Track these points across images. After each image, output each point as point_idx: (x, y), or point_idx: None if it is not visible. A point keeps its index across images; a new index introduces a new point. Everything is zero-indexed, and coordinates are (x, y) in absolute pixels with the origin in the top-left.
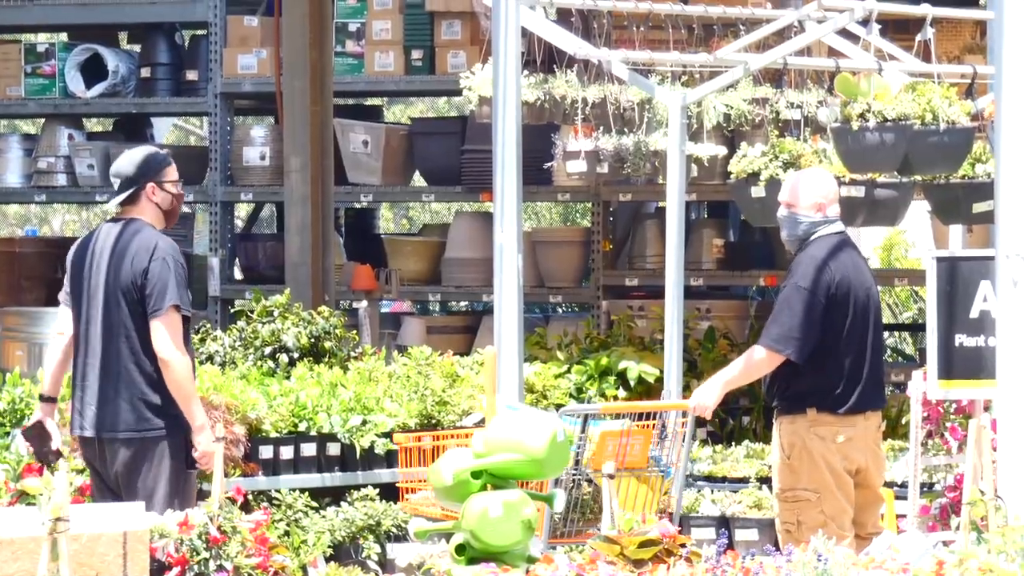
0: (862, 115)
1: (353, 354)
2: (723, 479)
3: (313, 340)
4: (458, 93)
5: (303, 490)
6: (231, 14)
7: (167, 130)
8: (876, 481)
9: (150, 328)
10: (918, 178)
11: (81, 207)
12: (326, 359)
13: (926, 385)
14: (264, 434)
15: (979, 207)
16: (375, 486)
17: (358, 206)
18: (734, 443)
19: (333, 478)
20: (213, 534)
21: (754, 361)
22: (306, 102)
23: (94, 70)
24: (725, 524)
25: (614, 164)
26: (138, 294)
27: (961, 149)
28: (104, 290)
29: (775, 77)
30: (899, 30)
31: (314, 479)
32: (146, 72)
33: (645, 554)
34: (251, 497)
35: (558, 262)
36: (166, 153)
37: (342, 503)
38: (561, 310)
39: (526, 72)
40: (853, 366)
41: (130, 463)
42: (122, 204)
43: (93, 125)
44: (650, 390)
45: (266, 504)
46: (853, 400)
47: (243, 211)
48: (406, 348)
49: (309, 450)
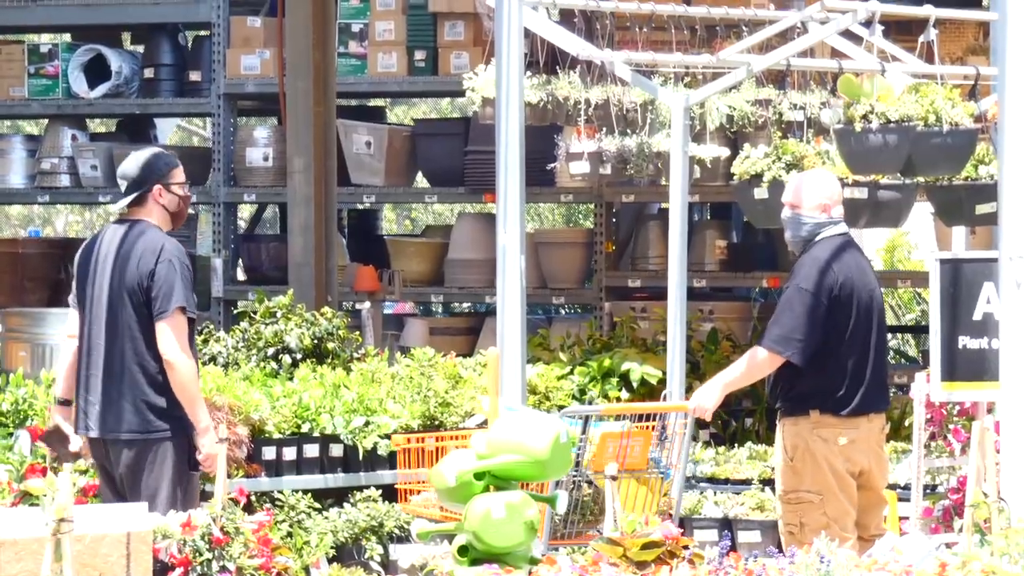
0: (865, 116)
1: (356, 355)
2: (726, 481)
3: (316, 341)
4: (461, 94)
5: (306, 491)
6: (234, 15)
7: (171, 131)
8: (879, 483)
9: (156, 330)
10: (921, 180)
11: (84, 208)
12: (329, 360)
13: (929, 387)
14: (267, 435)
15: (982, 209)
16: (378, 487)
17: (361, 207)
18: (737, 445)
19: (336, 479)
20: (216, 535)
21: (754, 362)
22: (309, 103)
23: (97, 71)
24: (728, 526)
25: (617, 165)
26: (144, 296)
27: (964, 150)
28: (109, 291)
29: (778, 78)
30: (902, 31)
31: (317, 480)
32: (149, 73)
33: (648, 556)
34: (254, 498)
35: (561, 263)
36: (173, 155)
37: (345, 504)
38: (564, 311)
39: (529, 73)
40: (856, 368)
41: (133, 464)
42: (129, 206)
43: (96, 126)
44: (653, 392)
45: (269, 505)
46: (856, 402)
47: (246, 212)
48: (409, 349)
49: (312, 451)
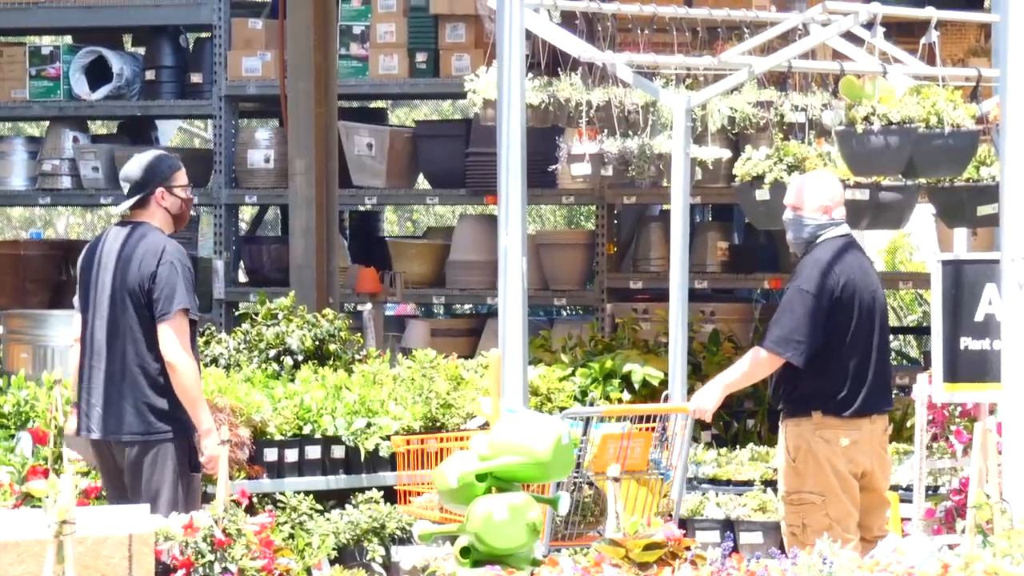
0: (867, 118)
1: (357, 357)
2: (728, 482)
3: (318, 343)
4: (462, 96)
5: (308, 493)
6: (235, 17)
7: (172, 133)
8: (882, 484)
9: (158, 332)
10: (923, 181)
11: (86, 210)
12: (330, 362)
13: (931, 388)
14: (269, 437)
15: (984, 210)
16: (380, 489)
17: (362, 209)
18: (739, 446)
19: (338, 481)
20: (218, 537)
21: (755, 363)
22: (310, 105)
23: (98, 73)
24: (730, 527)
25: (618, 167)
26: (145, 298)
27: (966, 152)
28: (111, 293)
29: (779, 80)
30: (903, 33)
31: (319, 482)
32: (150, 75)
33: (650, 557)
34: (256, 500)
35: (562, 265)
36: (176, 157)
37: (347, 506)
38: (565, 313)
39: (530, 75)
40: (858, 369)
41: (134, 466)
42: (131, 208)
43: (98, 128)
44: (654, 393)
45: (271, 507)
46: (858, 403)
47: (247, 214)
48: (410, 351)
49: (314, 453)
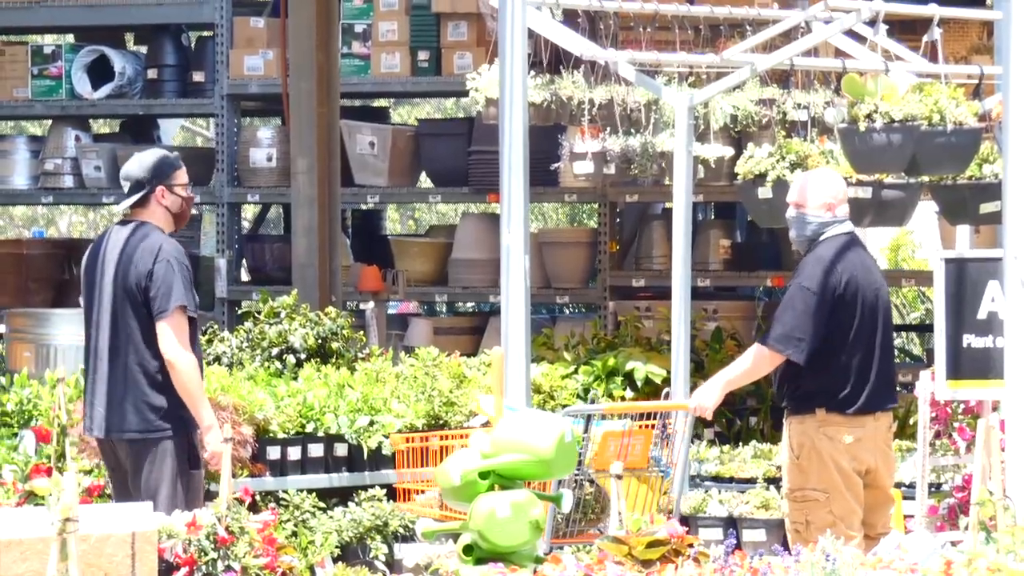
0: (869, 116)
1: (360, 355)
2: (730, 479)
3: (320, 341)
4: (465, 94)
5: (310, 491)
6: (237, 15)
7: (174, 131)
8: (886, 482)
9: (156, 330)
10: (925, 179)
11: (88, 208)
12: (333, 360)
13: (934, 385)
14: (271, 435)
15: (986, 208)
16: (382, 486)
17: (365, 207)
18: (741, 444)
19: (340, 479)
20: (221, 534)
21: (755, 361)
22: (312, 103)
23: (101, 71)
24: (732, 524)
25: (621, 165)
26: (142, 296)
27: (968, 150)
28: (110, 293)
29: (782, 78)
30: (906, 31)
31: (321, 480)
32: (153, 73)
33: (653, 554)
34: (259, 498)
35: (565, 263)
36: (176, 156)
37: (349, 503)
38: (568, 311)
39: (533, 73)
40: (861, 366)
41: (134, 463)
42: (132, 207)
43: (100, 126)
44: (657, 391)
45: (274, 505)
46: (862, 400)
47: (250, 212)
48: (413, 349)
49: (316, 451)
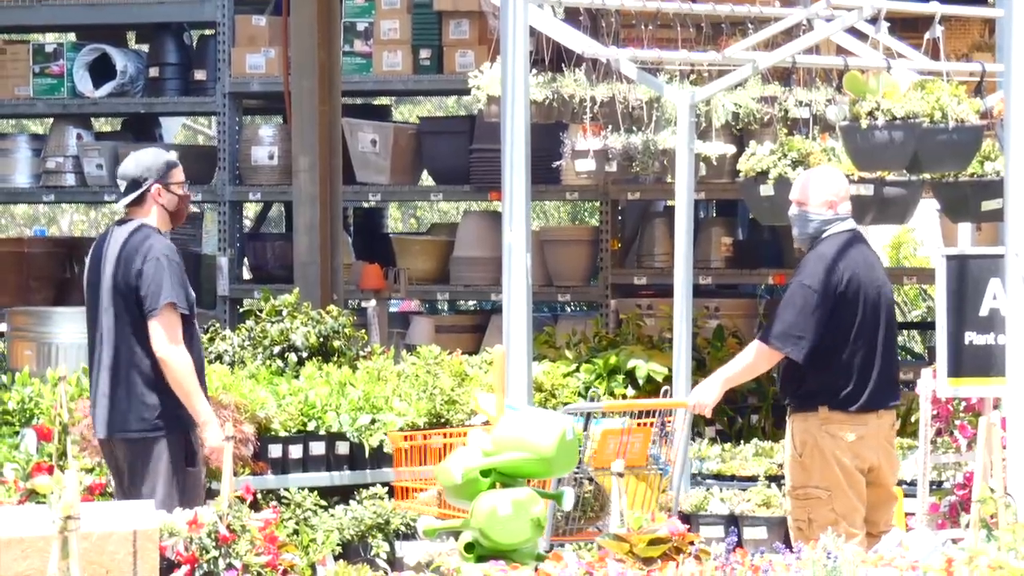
0: (871, 113)
1: (362, 353)
2: (732, 477)
3: (322, 339)
4: (466, 92)
5: (312, 489)
6: (239, 14)
7: (176, 130)
8: (889, 479)
9: (148, 328)
10: (927, 176)
11: (90, 207)
12: (335, 358)
13: (935, 383)
14: (273, 433)
15: (988, 205)
16: (384, 485)
17: (366, 205)
18: (743, 441)
19: (342, 477)
20: (222, 532)
21: (754, 358)
22: (314, 102)
23: (102, 70)
24: (734, 522)
25: (623, 163)
26: (134, 295)
27: (970, 147)
28: (108, 293)
29: (784, 75)
30: (907, 28)
31: (323, 478)
32: (154, 72)
33: (654, 552)
34: (260, 496)
35: (566, 261)
36: (172, 153)
37: (351, 502)
38: (569, 309)
39: (534, 71)
40: (864, 364)
41: (131, 462)
42: (128, 205)
43: (101, 125)
44: (659, 389)
45: (275, 503)
46: (864, 398)
47: (252, 211)
48: (415, 347)
49: (318, 449)
